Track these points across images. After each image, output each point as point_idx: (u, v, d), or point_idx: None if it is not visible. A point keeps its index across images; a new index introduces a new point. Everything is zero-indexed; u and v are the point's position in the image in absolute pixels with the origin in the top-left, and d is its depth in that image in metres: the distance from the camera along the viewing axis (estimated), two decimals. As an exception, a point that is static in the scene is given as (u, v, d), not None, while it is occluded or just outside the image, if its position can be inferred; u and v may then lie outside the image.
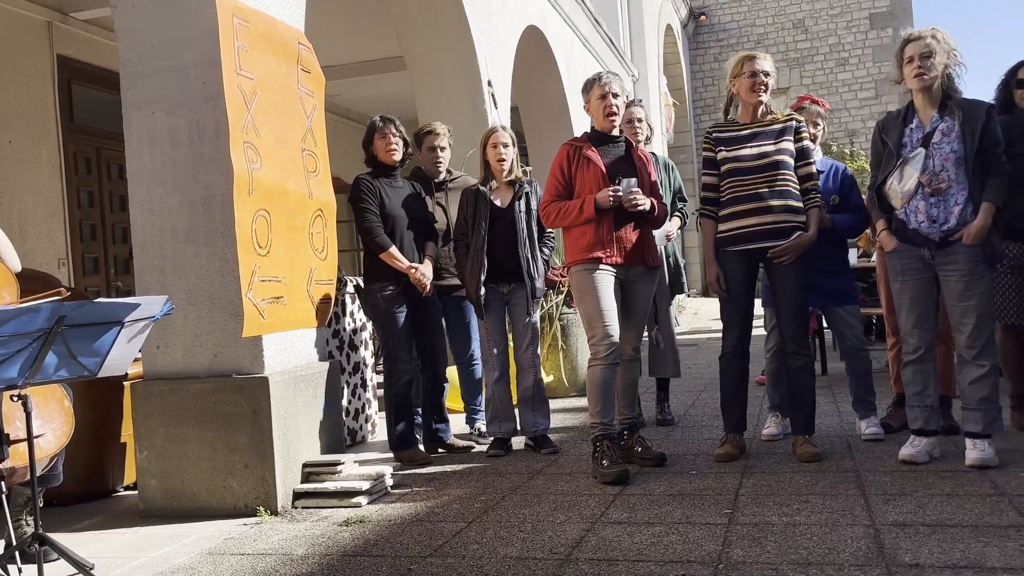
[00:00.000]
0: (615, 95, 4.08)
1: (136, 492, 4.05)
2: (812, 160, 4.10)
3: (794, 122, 4.08)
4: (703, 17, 19.88)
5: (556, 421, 5.29)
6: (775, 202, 3.97)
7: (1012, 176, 3.70)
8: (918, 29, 3.76)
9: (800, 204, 4.01)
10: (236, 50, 3.70)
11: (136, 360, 3.65)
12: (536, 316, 4.74)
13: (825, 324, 6.22)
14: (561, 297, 6.65)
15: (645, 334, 4.51)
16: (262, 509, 3.76)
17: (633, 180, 4.00)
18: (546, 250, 4.80)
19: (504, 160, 4.65)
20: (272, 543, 3.34)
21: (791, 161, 4.02)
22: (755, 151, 4.02)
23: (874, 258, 4.70)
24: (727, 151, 4.09)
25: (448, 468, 4.42)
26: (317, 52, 4.44)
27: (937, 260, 3.71)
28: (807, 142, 4.10)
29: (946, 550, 2.67)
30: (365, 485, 3.85)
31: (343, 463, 4.02)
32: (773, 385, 4.58)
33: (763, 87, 4.04)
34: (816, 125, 4.56)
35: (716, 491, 3.57)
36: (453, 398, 5.41)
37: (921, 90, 3.74)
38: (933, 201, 3.68)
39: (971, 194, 3.64)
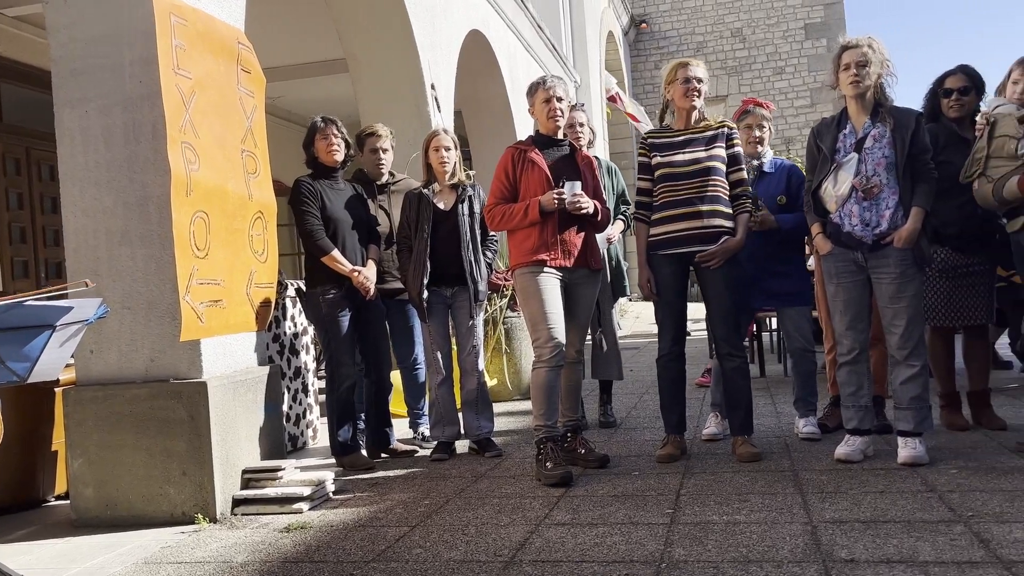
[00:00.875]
0: (559, 99, 4.11)
1: (68, 502, 3.94)
2: (743, 167, 4.18)
3: (726, 129, 4.15)
4: (644, 25, 20.12)
5: (500, 424, 5.29)
6: (705, 207, 4.04)
7: (938, 183, 3.81)
8: (856, 37, 3.85)
9: (729, 210, 4.09)
10: (174, 48, 3.63)
11: (69, 365, 3.55)
12: (480, 319, 4.74)
13: (774, 326, 6.36)
14: (505, 300, 6.66)
15: (588, 336, 4.54)
16: (200, 516, 3.68)
17: (577, 183, 4.03)
18: (489, 253, 4.80)
19: (446, 163, 4.64)
20: (211, 551, 3.28)
21: (723, 167, 4.10)
22: (688, 157, 4.09)
23: (811, 261, 4.78)
24: (661, 157, 4.15)
25: (391, 473, 4.39)
26: (258, 53, 4.38)
27: (870, 263, 3.81)
28: (738, 149, 4.18)
29: (880, 545, 2.74)
30: (306, 491, 3.80)
31: (284, 469, 3.96)
32: (716, 383, 4.64)
33: (696, 93, 4.11)
34: (762, 128, 4.64)
35: (658, 491, 3.61)
36: (396, 402, 5.37)
37: (855, 97, 3.84)
38: (866, 205, 3.78)
39: (901, 198, 3.75)
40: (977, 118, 4.11)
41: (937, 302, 4.38)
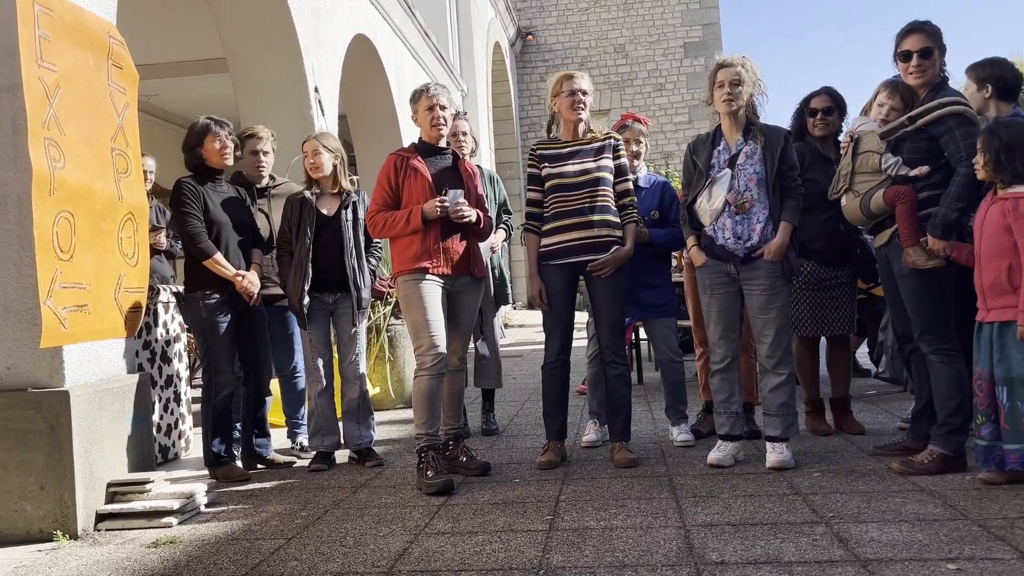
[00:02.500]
0: (443, 107, 4.11)
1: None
2: (629, 177, 4.29)
3: (612, 140, 4.25)
4: (530, 37, 20.37)
5: (382, 433, 5.23)
6: (595, 217, 4.12)
7: (805, 199, 4.01)
8: (731, 56, 4.00)
9: (618, 219, 4.18)
10: (37, 39, 3.44)
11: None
12: (363, 327, 4.67)
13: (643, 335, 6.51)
14: (389, 308, 6.60)
15: (471, 344, 4.55)
16: (59, 533, 3.48)
17: (460, 192, 4.03)
18: (373, 260, 4.74)
19: (319, 167, 4.55)
20: (70, 569, 3.10)
21: (610, 178, 4.19)
22: (577, 168, 4.16)
23: (682, 273, 4.94)
24: (551, 167, 4.20)
25: (267, 484, 4.27)
26: (132, 49, 4.20)
27: (742, 275, 3.96)
28: (624, 160, 4.28)
29: (748, 547, 2.84)
30: (176, 504, 3.65)
31: (152, 481, 3.79)
32: (593, 391, 4.73)
33: (582, 105, 4.18)
34: (639, 142, 4.77)
35: (538, 498, 3.64)
36: (274, 412, 5.24)
37: (729, 114, 3.99)
38: (738, 219, 3.93)
39: (771, 213, 3.91)
40: (841, 136, 4.33)
41: (803, 313, 4.59)
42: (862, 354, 7.04)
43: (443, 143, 4.22)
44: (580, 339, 4.71)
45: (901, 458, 3.78)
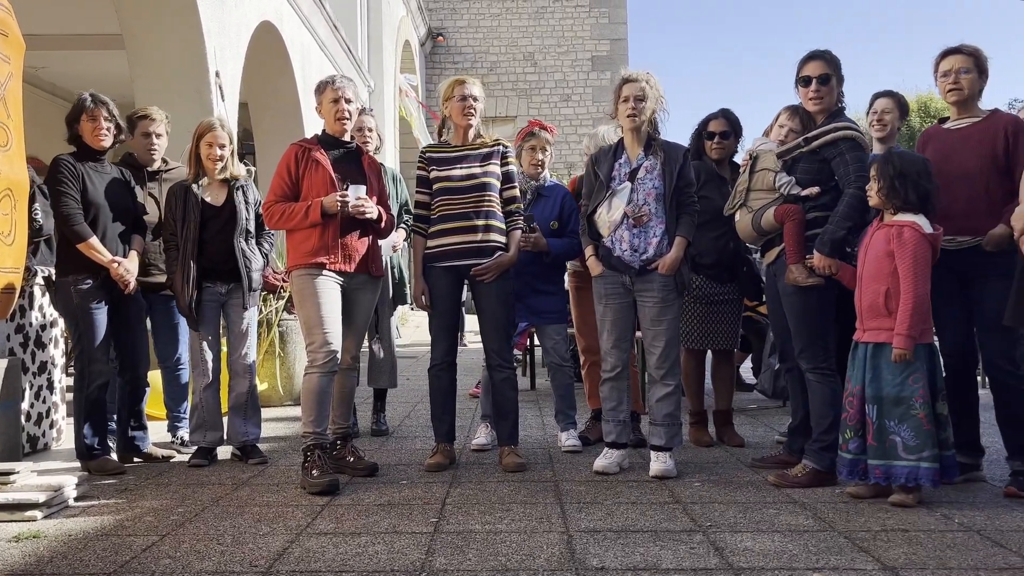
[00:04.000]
0: (348, 100, 4.06)
1: None
2: (516, 184, 4.32)
3: (501, 147, 4.27)
4: (440, 38, 20.33)
5: (268, 430, 5.11)
6: (480, 222, 4.14)
7: (698, 216, 4.12)
8: (636, 72, 4.08)
9: (503, 225, 4.21)
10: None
11: None
12: (254, 320, 4.56)
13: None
14: (281, 302, 6.46)
15: (365, 343, 4.50)
16: (-89, 525, 3.27)
17: (362, 187, 3.99)
18: (266, 244, 4.63)
19: (218, 160, 4.39)
20: (-79, 564, 2.92)
21: (497, 184, 4.22)
22: (464, 172, 4.17)
23: (568, 282, 5.01)
24: (439, 171, 4.20)
25: (143, 479, 4.11)
26: (21, 18, 3.97)
27: (636, 286, 4.05)
28: (512, 167, 4.31)
29: (628, 554, 2.89)
30: (42, 497, 3.47)
31: (17, 472, 3.60)
32: (486, 395, 4.74)
33: (472, 111, 4.20)
34: (544, 151, 4.81)
35: (424, 500, 3.63)
36: (154, 404, 5.06)
37: (631, 129, 4.07)
38: (635, 232, 4.01)
39: (667, 228, 4.01)
40: (742, 155, 4.48)
41: (691, 326, 4.72)
42: (745, 369, 7.29)
43: (347, 137, 4.16)
44: (477, 343, 4.72)
45: (777, 471, 3.93)
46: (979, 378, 4.44)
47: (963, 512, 3.33)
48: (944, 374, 3.60)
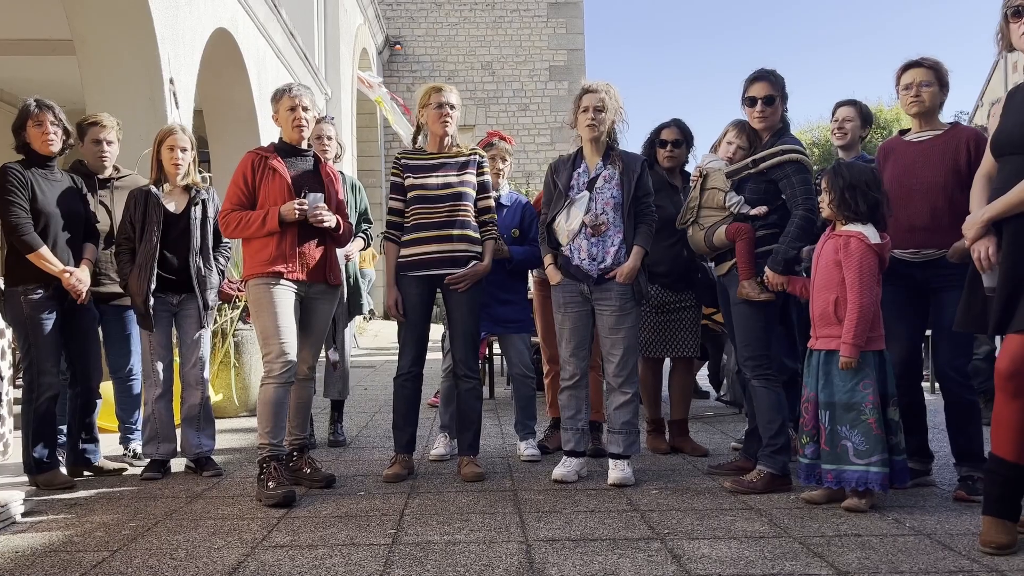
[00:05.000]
0: (305, 108, 4.03)
1: None
2: (491, 194, 4.33)
3: (477, 157, 4.28)
4: (398, 46, 20.26)
5: (223, 442, 5.04)
6: (455, 231, 4.14)
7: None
8: (596, 82, 4.12)
9: (477, 235, 4.21)
10: None
11: None
12: (207, 331, 4.49)
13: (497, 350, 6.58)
14: (237, 312, 6.38)
15: (322, 354, 4.46)
16: None
17: (320, 195, 3.96)
18: (222, 260, 4.57)
19: (180, 164, 4.37)
20: None
21: (472, 193, 4.22)
22: (440, 180, 4.17)
23: (532, 290, 5.02)
24: (414, 178, 4.19)
25: (94, 492, 4.03)
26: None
27: (594, 295, 4.07)
28: (487, 177, 4.32)
29: (587, 562, 2.90)
30: (-11, 513, 3.39)
31: (-37, 488, 3.50)
32: (445, 405, 4.73)
33: (449, 118, 4.20)
34: (504, 160, 4.82)
35: (382, 512, 3.60)
36: (106, 416, 4.96)
37: (591, 139, 4.10)
38: (594, 241, 4.03)
39: (625, 237, 4.04)
40: (690, 168, 4.53)
41: (649, 335, 4.75)
42: (702, 376, 7.36)
43: (304, 145, 4.12)
44: (434, 352, 4.70)
45: (733, 477, 3.97)
46: (927, 384, 4.53)
47: (914, 516, 3.40)
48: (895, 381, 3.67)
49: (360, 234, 5.19)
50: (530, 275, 4.99)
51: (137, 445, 4.70)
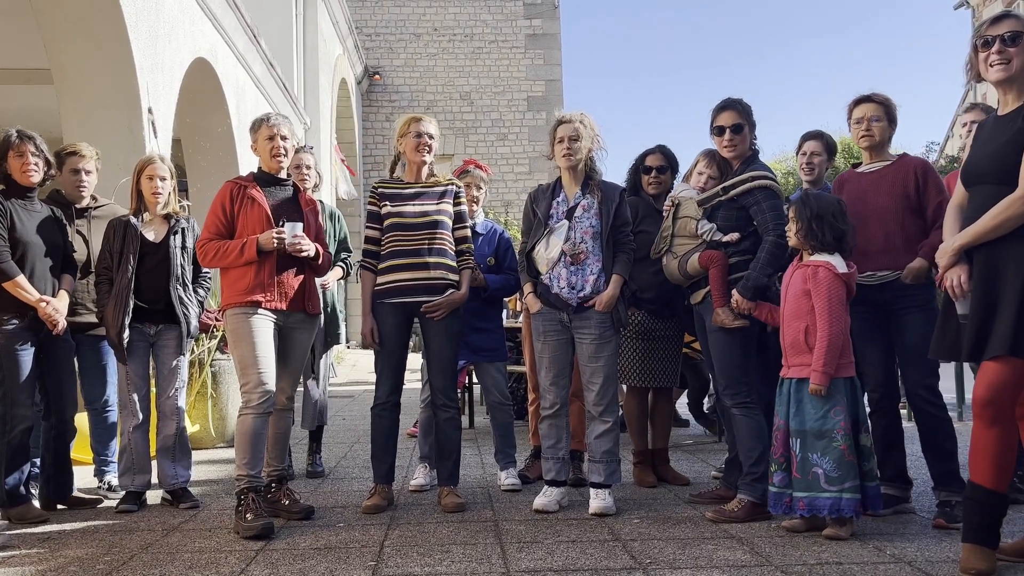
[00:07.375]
0: (283, 137, 4.03)
1: None
2: (467, 224, 4.35)
3: (454, 187, 4.30)
4: (377, 76, 20.36)
5: (199, 473, 4.98)
6: (432, 259, 4.14)
7: (637, 251, 4.21)
8: (570, 113, 4.17)
9: (454, 263, 4.22)
10: None
11: None
12: (184, 361, 4.45)
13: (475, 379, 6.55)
14: (214, 342, 6.33)
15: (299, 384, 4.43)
16: None
17: (298, 225, 3.95)
18: (201, 291, 4.55)
19: (160, 193, 4.36)
20: None
21: (449, 222, 4.23)
22: (418, 209, 4.18)
23: (520, 319, 5.04)
24: (391, 206, 4.20)
25: (68, 526, 3.96)
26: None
27: (574, 323, 4.08)
28: (464, 207, 4.34)
29: (569, 592, 2.88)
30: (-40, 548, 3.32)
31: (-67, 523, 3.44)
32: (424, 435, 4.70)
33: (427, 148, 4.22)
34: (479, 188, 4.85)
35: (362, 543, 3.56)
36: (81, 448, 4.89)
37: (568, 168, 4.13)
38: (573, 269, 4.05)
39: (604, 266, 4.07)
40: (665, 202, 4.57)
41: (632, 363, 4.75)
42: (681, 404, 7.36)
43: (283, 174, 4.13)
44: (413, 381, 4.68)
45: (714, 506, 3.97)
46: (904, 411, 4.57)
47: (894, 544, 3.41)
48: (869, 408, 3.70)
49: (339, 263, 5.19)
50: (514, 302, 5.00)
51: (112, 477, 4.63)
